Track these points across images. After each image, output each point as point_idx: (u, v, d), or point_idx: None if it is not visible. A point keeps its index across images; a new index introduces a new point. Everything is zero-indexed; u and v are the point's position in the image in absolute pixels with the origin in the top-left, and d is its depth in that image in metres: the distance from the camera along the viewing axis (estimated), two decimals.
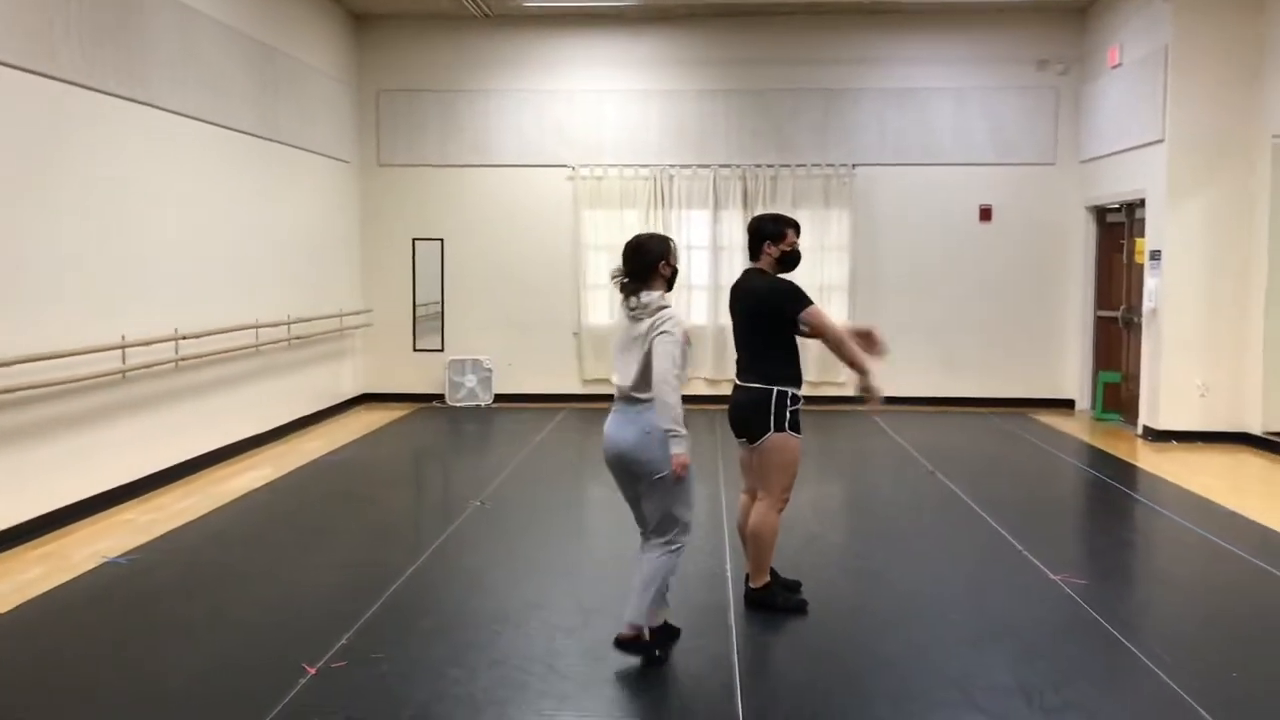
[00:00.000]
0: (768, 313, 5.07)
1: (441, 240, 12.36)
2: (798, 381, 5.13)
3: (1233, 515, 7.12)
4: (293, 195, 10.34)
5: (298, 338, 10.31)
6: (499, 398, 12.31)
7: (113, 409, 7.33)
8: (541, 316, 12.34)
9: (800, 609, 5.18)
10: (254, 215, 9.49)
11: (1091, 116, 11.54)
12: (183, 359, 8.14)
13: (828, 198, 11.88)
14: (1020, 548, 6.29)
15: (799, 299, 5.05)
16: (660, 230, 11.86)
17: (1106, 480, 8.52)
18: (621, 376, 4.48)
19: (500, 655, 4.62)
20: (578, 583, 5.70)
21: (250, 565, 6.05)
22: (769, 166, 11.98)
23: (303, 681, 4.29)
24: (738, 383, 5.19)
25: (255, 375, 9.52)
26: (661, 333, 4.31)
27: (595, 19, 11.94)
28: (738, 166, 12.00)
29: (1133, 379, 10.78)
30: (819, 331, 5.07)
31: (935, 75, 11.96)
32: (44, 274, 6.58)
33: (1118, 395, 11.21)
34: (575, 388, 12.40)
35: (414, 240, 12.37)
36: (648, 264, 4.50)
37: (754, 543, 5.19)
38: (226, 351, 8.83)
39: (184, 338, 8.10)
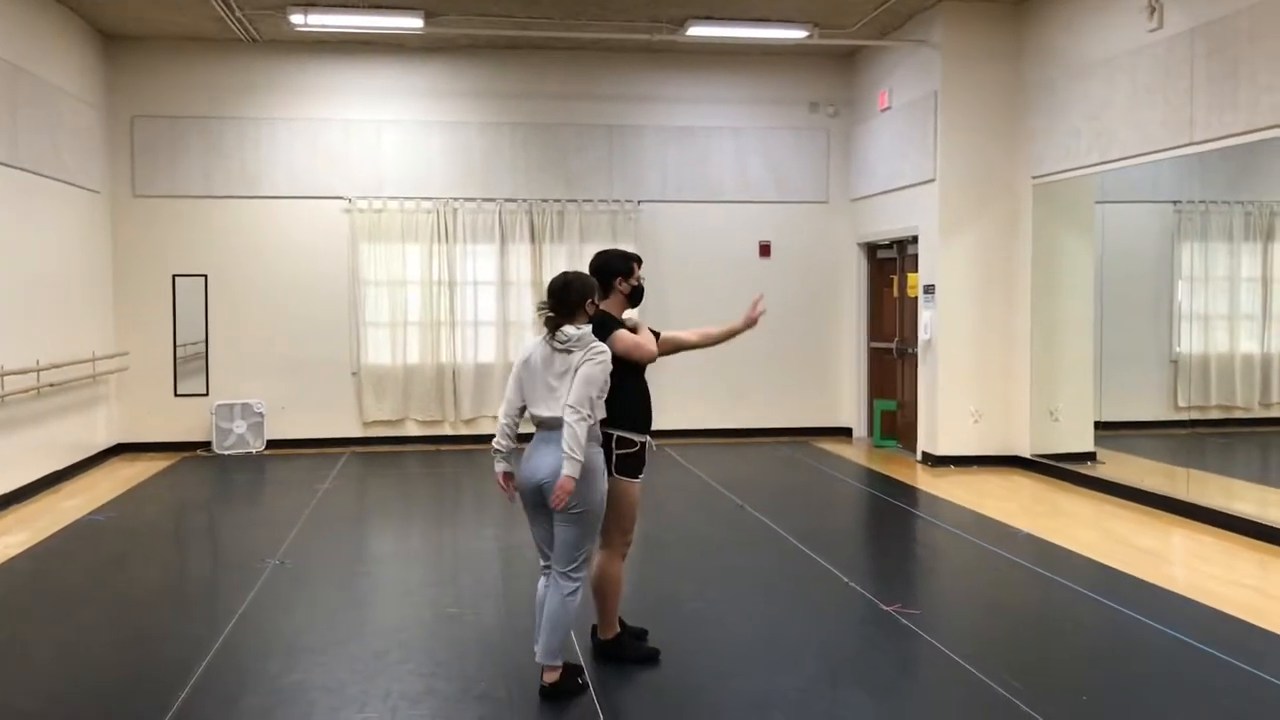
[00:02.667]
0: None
1: (205, 276, 11.51)
2: (638, 425, 4.93)
3: (1029, 537, 7.47)
4: (34, 227, 9.32)
5: (49, 385, 9.30)
6: (272, 444, 11.54)
7: None
8: (317, 356, 11.67)
9: (653, 657, 4.99)
10: None
11: (862, 157, 12.05)
12: None
13: (615, 233, 11.84)
14: (846, 579, 6.36)
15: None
16: (448, 266, 11.60)
17: (903, 507, 8.80)
18: (546, 408, 4.50)
19: None
20: (408, 645, 5.29)
21: (25, 647, 5.29)
22: (555, 201, 11.84)
23: None
24: None
25: (0, 428, 8.51)
26: (591, 360, 4.45)
27: (373, 46, 11.49)
28: (524, 201, 11.80)
29: (908, 407, 11.27)
30: (633, 353, 4.85)
31: (714, 115, 12.19)
32: None
33: (894, 422, 11.69)
34: (355, 430, 11.79)
35: (174, 276, 11.46)
36: (574, 302, 4.55)
37: (598, 594, 4.97)
38: None
39: None
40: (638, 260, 5.11)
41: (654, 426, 4.99)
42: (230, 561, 7.40)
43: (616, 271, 4.94)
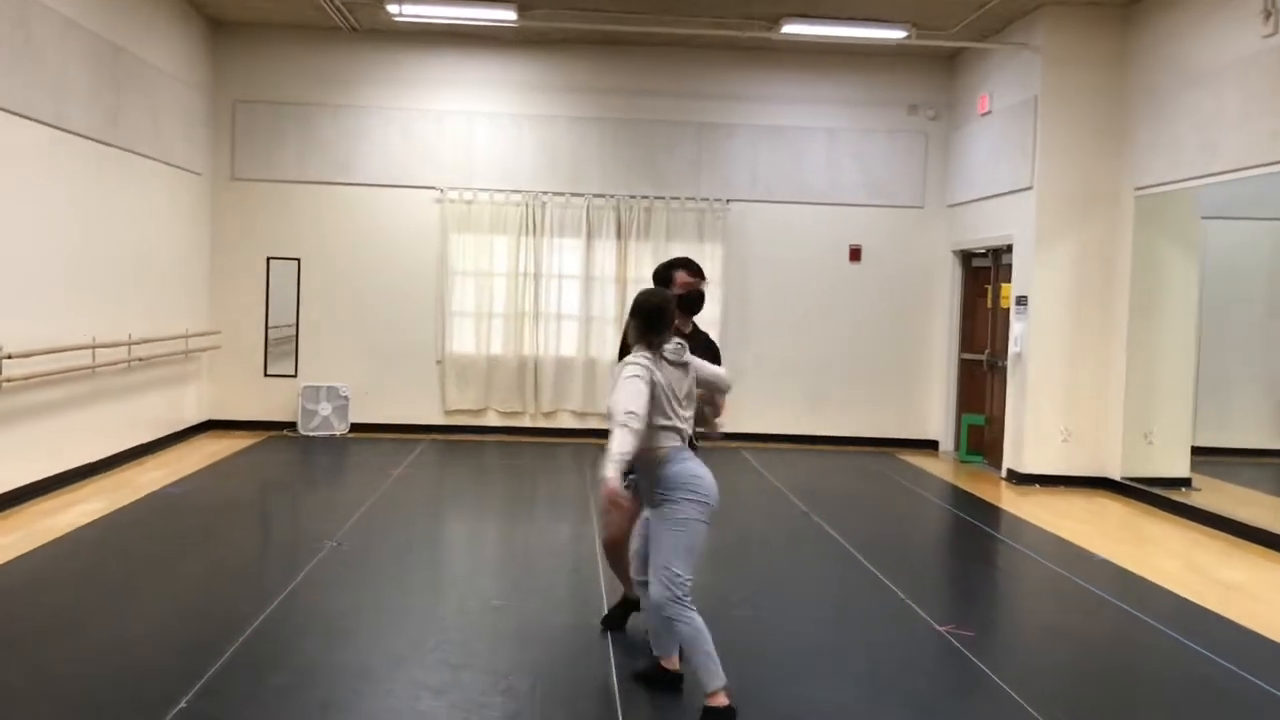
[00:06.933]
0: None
1: (298, 260, 11.75)
2: None
3: (1104, 562, 7.14)
4: (137, 206, 9.62)
5: (138, 359, 9.57)
6: (355, 427, 11.72)
7: None
8: (403, 343, 11.82)
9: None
10: (93, 225, 8.77)
11: (960, 161, 11.71)
12: (7, 380, 7.40)
13: (701, 232, 11.73)
14: (903, 596, 6.14)
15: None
16: (534, 259, 11.64)
17: (977, 524, 8.52)
18: (688, 422, 4.41)
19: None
20: (445, 634, 5.27)
21: (75, 614, 5.41)
22: (643, 198, 11.78)
23: None
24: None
25: (90, 399, 8.78)
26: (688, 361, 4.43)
27: (468, 38, 11.58)
28: (611, 196, 11.76)
29: (996, 422, 10.90)
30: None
31: (807, 115, 11.98)
32: None
33: (981, 437, 11.33)
34: (436, 418, 11.91)
35: (269, 259, 11.72)
36: (669, 321, 4.39)
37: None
38: (57, 373, 8.09)
39: (9, 356, 7.36)
40: (682, 265, 4.96)
41: (732, 429, 4.91)
42: (290, 541, 7.51)
43: (658, 283, 4.84)
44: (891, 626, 5.65)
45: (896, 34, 10.47)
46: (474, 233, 11.75)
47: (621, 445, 4.04)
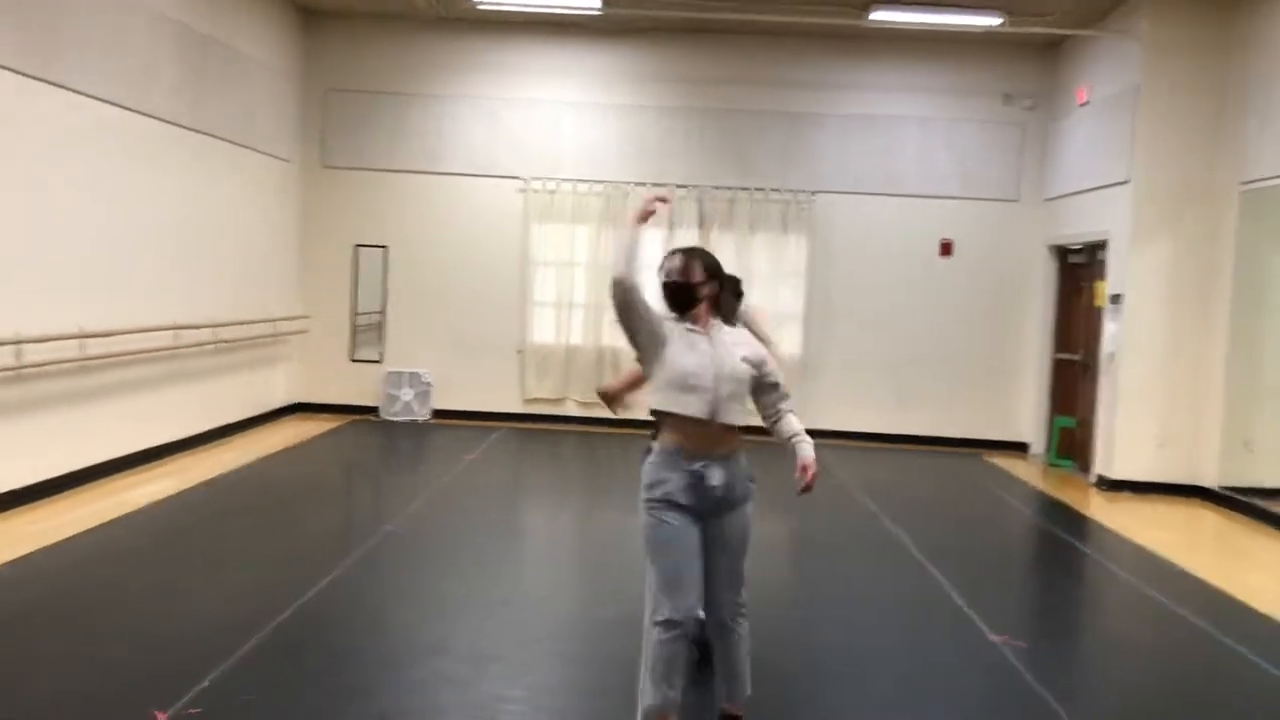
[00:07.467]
0: None
1: (386, 248, 11.88)
2: None
3: (1184, 575, 6.77)
4: (226, 192, 9.84)
5: (224, 341, 9.79)
6: (436, 413, 11.83)
7: (4, 408, 6.79)
8: (485, 331, 11.87)
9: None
10: (180, 210, 8.98)
11: (1058, 154, 11.26)
12: (89, 359, 7.62)
13: (786, 223, 11.52)
14: (961, 603, 5.90)
15: None
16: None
17: (1057, 532, 8.18)
18: None
19: (380, 708, 4.16)
20: (478, 626, 5.22)
21: (128, 588, 5.54)
22: (727, 189, 11.60)
23: None
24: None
25: (173, 379, 9.00)
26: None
27: (554, 27, 11.55)
28: (695, 187, 11.60)
29: (1088, 425, 10.47)
30: None
31: (899, 104, 11.65)
32: None
33: (1072, 440, 10.90)
34: (516, 406, 11.94)
35: (356, 246, 11.88)
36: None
37: None
38: (140, 353, 8.30)
39: (89, 336, 7.58)
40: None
41: (811, 424, 4.23)
42: (348, 524, 7.58)
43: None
44: (941, 634, 5.43)
45: (990, 21, 10.11)
46: (556, 222, 11.73)
47: None
